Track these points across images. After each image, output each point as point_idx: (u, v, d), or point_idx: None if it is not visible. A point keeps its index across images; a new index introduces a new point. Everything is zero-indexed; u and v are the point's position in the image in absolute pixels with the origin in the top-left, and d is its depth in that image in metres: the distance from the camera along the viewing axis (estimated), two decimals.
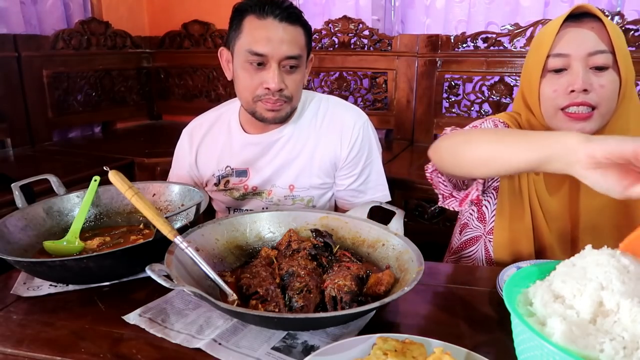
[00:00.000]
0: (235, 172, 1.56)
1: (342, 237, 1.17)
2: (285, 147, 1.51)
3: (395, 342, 0.76)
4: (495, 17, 2.74)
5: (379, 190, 1.58)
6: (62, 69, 2.90)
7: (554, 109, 1.16)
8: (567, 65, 1.13)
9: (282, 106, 1.39)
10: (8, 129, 2.64)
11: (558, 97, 1.14)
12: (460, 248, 1.43)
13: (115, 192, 1.32)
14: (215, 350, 0.85)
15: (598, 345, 0.64)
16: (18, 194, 1.23)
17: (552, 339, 0.66)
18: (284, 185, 1.53)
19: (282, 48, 1.32)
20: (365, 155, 1.53)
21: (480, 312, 0.99)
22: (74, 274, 1.03)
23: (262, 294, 0.94)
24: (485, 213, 1.34)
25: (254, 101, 1.39)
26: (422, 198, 2.24)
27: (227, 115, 1.60)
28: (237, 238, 1.14)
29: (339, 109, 1.55)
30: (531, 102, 1.22)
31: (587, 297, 0.70)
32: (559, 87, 1.14)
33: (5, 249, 1.05)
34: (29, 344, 0.89)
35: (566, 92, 1.12)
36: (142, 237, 1.23)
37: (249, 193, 1.56)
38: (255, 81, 1.36)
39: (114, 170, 1.15)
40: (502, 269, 1.05)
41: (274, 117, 1.41)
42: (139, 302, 1.00)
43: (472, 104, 2.75)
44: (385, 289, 0.95)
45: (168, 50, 3.46)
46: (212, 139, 1.59)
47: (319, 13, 3.14)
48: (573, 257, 0.80)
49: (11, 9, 2.68)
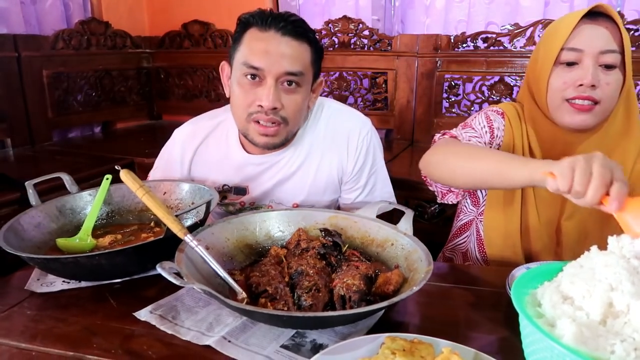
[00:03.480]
0: (235, 189, 1.47)
1: (351, 237, 1.17)
2: (287, 165, 1.42)
3: (404, 341, 0.76)
4: (495, 17, 2.75)
5: (385, 198, 1.50)
6: (62, 69, 2.90)
7: (560, 100, 1.20)
8: (579, 59, 1.17)
9: (277, 130, 1.27)
10: (8, 129, 2.63)
11: (567, 89, 1.18)
12: (455, 235, 1.47)
13: (126, 191, 1.33)
14: (224, 348, 0.85)
15: (609, 346, 0.64)
16: (32, 192, 1.25)
17: (562, 341, 0.66)
18: (287, 202, 1.46)
19: (281, 63, 1.22)
20: (370, 165, 1.45)
21: (489, 312, 0.99)
22: (86, 271, 1.05)
23: (271, 292, 0.94)
24: (479, 196, 1.38)
25: (247, 121, 1.28)
26: (422, 198, 2.24)
27: (224, 126, 1.47)
28: (246, 237, 1.15)
29: (341, 118, 1.45)
30: (537, 90, 1.25)
31: (597, 298, 0.70)
32: (568, 79, 1.18)
33: (19, 246, 1.07)
34: (42, 339, 0.90)
35: (575, 85, 1.16)
36: (152, 235, 1.24)
37: (245, 208, 1.49)
38: (250, 98, 1.25)
39: (125, 169, 1.16)
40: (511, 269, 1.06)
41: (267, 143, 1.30)
42: (149, 299, 1.01)
43: (472, 104, 2.75)
44: (394, 289, 0.96)
45: (168, 50, 3.45)
46: (207, 150, 1.48)
47: (319, 13, 3.14)
48: (579, 258, 0.80)
49: (11, 9, 2.67)
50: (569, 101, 1.18)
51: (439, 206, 2.22)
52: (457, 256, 1.46)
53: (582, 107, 1.17)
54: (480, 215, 1.35)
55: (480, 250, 1.36)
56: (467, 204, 1.41)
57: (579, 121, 1.18)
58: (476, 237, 1.37)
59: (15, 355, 0.87)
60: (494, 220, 1.31)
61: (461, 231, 1.44)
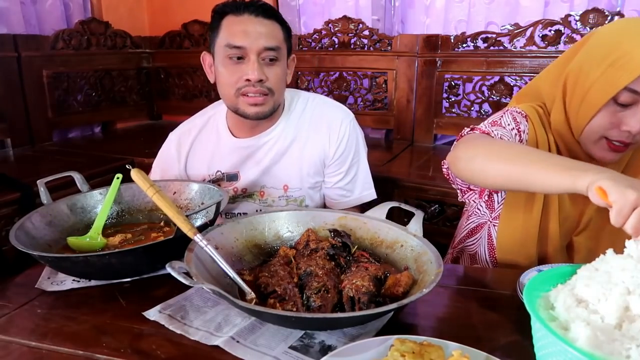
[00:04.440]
0: (227, 176, 1.56)
1: (360, 238, 1.16)
2: (274, 148, 1.52)
3: (413, 344, 0.76)
4: (495, 17, 2.75)
5: (365, 188, 1.62)
6: (62, 69, 2.90)
7: (599, 136, 1.12)
8: (636, 102, 1.06)
9: (265, 100, 1.40)
10: (8, 129, 2.63)
11: (612, 129, 1.10)
12: (464, 238, 1.43)
13: (136, 190, 1.34)
14: (233, 348, 0.85)
15: (624, 351, 0.63)
16: (43, 190, 1.25)
17: (576, 344, 0.65)
18: (278, 185, 1.55)
19: (259, 40, 1.35)
20: (353, 153, 1.55)
21: (500, 315, 0.98)
22: (96, 270, 1.05)
23: (280, 292, 0.94)
24: (495, 200, 1.32)
25: (236, 96, 1.40)
26: (423, 198, 2.24)
27: (214, 119, 1.60)
28: (255, 237, 1.15)
29: (325, 107, 1.57)
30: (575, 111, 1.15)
31: (613, 302, 0.68)
32: (616, 121, 1.09)
33: (30, 244, 1.07)
34: (52, 338, 0.90)
35: (620, 128, 1.08)
36: (162, 235, 1.24)
37: (239, 196, 1.56)
38: (236, 75, 1.37)
39: (136, 169, 1.16)
40: (522, 271, 1.05)
41: (257, 113, 1.41)
42: (159, 298, 1.01)
43: (472, 104, 2.75)
44: (404, 290, 0.95)
45: (168, 50, 3.45)
46: (200, 144, 1.60)
47: (319, 13, 3.14)
48: (594, 261, 0.79)
49: (11, 9, 2.67)
50: (607, 139, 1.11)
51: (439, 206, 2.23)
52: (465, 258, 1.45)
53: (618, 148, 1.11)
54: (495, 220, 1.31)
55: (491, 254, 1.33)
56: (481, 206, 1.36)
57: (610, 158, 1.13)
58: (487, 241, 1.34)
59: (25, 353, 0.87)
60: (509, 227, 1.26)
61: (471, 233, 1.41)
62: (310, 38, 3.04)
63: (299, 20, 3.20)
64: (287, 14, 3.15)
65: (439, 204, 2.22)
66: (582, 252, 1.25)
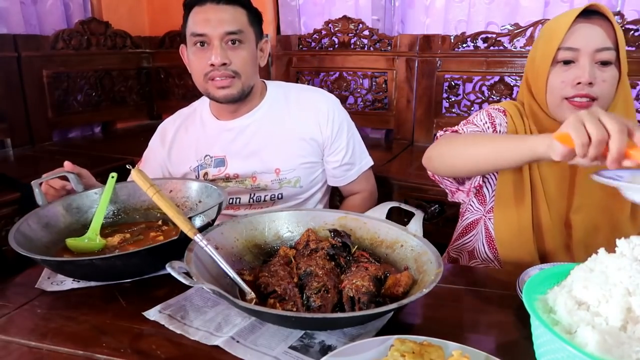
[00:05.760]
0: (214, 161, 1.60)
1: (360, 238, 1.17)
2: (259, 132, 1.57)
3: (413, 344, 0.76)
4: (495, 17, 2.74)
5: (363, 158, 1.70)
6: (62, 69, 2.90)
7: (559, 99, 1.23)
8: (576, 58, 1.20)
9: (231, 82, 1.45)
10: (8, 129, 2.63)
11: (565, 87, 1.21)
12: (461, 235, 1.47)
13: (132, 189, 1.34)
14: (233, 348, 0.85)
15: (634, 354, 0.63)
16: (38, 192, 1.24)
17: (586, 350, 0.63)
18: (269, 170, 1.57)
19: (220, 26, 1.41)
20: (346, 128, 1.62)
21: (500, 314, 0.98)
22: (99, 272, 1.05)
23: (280, 292, 0.94)
24: (486, 194, 1.38)
25: (205, 81, 1.46)
26: (422, 198, 2.24)
27: (200, 108, 1.66)
28: (255, 237, 1.15)
29: (308, 92, 1.66)
30: (536, 88, 1.29)
31: (615, 303, 0.68)
32: (566, 78, 1.21)
33: (29, 247, 1.06)
34: (52, 338, 0.90)
35: (573, 83, 1.19)
36: (161, 234, 1.24)
37: (230, 181, 1.58)
38: (203, 61, 1.44)
39: (136, 169, 1.16)
40: (522, 270, 1.05)
41: (225, 96, 1.47)
42: (159, 298, 1.01)
43: (472, 104, 2.75)
44: (404, 290, 0.95)
45: (168, 50, 3.44)
46: (185, 132, 1.65)
47: (319, 13, 3.14)
48: (587, 261, 0.79)
49: (11, 9, 2.67)
50: (568, 99, 1.21)
51: (439, 206, 2.23)
52: (464, 256, 1.46)
53: (581, 104, 1.19)
54: (489, 213, 1.36)
55: (491, 248, 1.36)
56: (473, 203, 1.41)
57: None
58: (485, 236, 1.37)
59: (25, 353, 0.87)
60: (504, 218, 1.32)
61: (467, 230, 1.44)
62: (310, 38, 3.04)
63: (299, 20, 3.19)
64: (287, 14, 3.15)
65: (439, 204, 2.22)
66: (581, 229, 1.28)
